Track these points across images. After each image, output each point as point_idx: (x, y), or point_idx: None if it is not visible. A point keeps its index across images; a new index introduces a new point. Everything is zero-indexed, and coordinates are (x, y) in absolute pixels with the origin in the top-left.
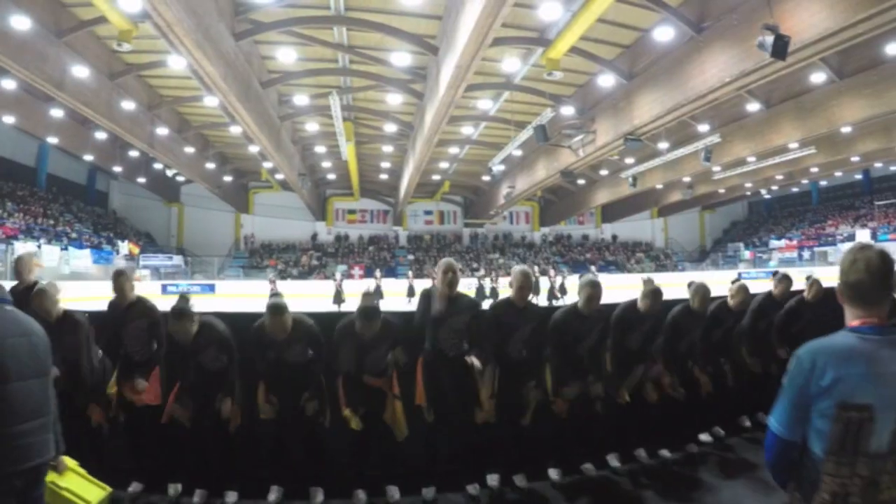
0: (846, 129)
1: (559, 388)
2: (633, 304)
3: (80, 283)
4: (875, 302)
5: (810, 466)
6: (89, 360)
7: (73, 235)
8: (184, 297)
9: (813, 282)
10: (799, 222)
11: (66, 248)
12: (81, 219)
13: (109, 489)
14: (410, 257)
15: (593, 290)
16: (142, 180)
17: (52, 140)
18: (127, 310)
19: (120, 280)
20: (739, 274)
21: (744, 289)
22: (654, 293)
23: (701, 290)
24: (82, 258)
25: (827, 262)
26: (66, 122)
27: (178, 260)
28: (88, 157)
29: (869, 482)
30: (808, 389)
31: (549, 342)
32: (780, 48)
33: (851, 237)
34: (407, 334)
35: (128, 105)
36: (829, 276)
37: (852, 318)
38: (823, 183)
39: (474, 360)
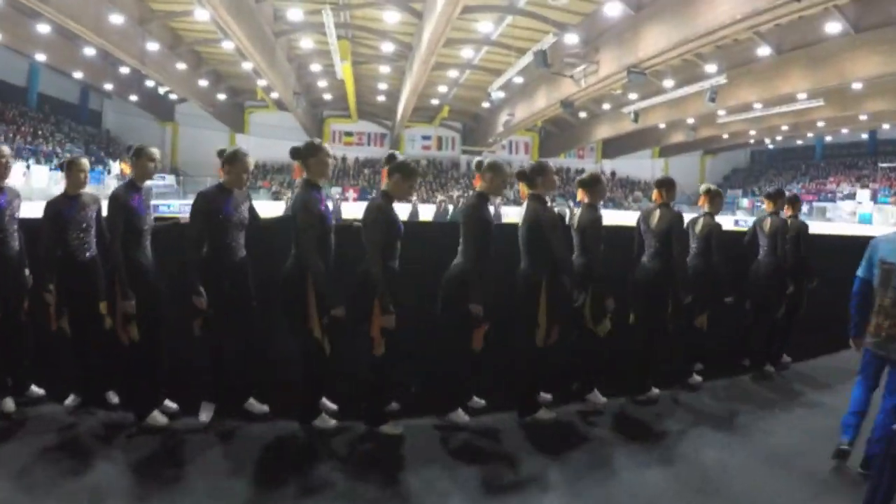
0: (857, 86)
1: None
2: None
3: None
4: None
5: (871, 294)
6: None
7: (67, 156)
8: None
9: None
10: (801, 175)
11: (55, 169)
12: (73, 139)
13: None
14: None
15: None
16: (134, 98)
17: (41, 57)
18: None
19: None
20: (736, 221)
21: None
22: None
23: None
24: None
25: (825, 217)
26: (54, 38)
27: (170, 180)
28: (78, 75)
29: (893, 303)
30: (872, 255)
31: None
32: None
33: (852, 196)
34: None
35: (117, 19)
36: (827, 232)
37: None
38: (828, 139)
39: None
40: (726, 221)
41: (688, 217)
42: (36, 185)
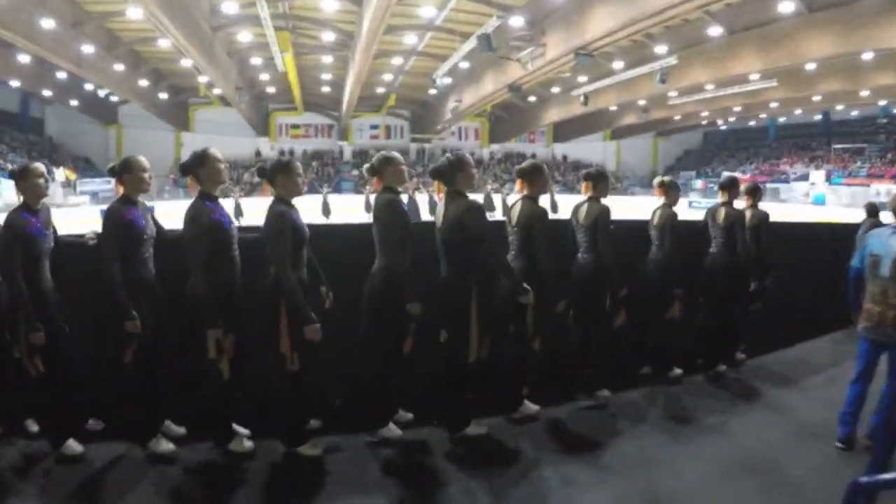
0: (810, 66)
1: None
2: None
3: None
4: None
5: (865, 281)
6: None
7: (9, 167)
8: None
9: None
10: (754, 156)
11: None
12: (15, 148)
13: None
14: (355, 172)
15: None
16: (74, 103)
17: None
18: None
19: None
20: (690, 203)
21: None
22: None
23: None
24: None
25: (778, 198)
26: None
27: (112, 182)
28: (15, 83)
29: (881, 290)
30: (864, 248)
31: None
32: None
33: (805, 177)
34: None
35: (50, 24)
36: (780, 213)
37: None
38: (782, 120)
39: None
40: (679, 204)
41: (641, 201)
42: None
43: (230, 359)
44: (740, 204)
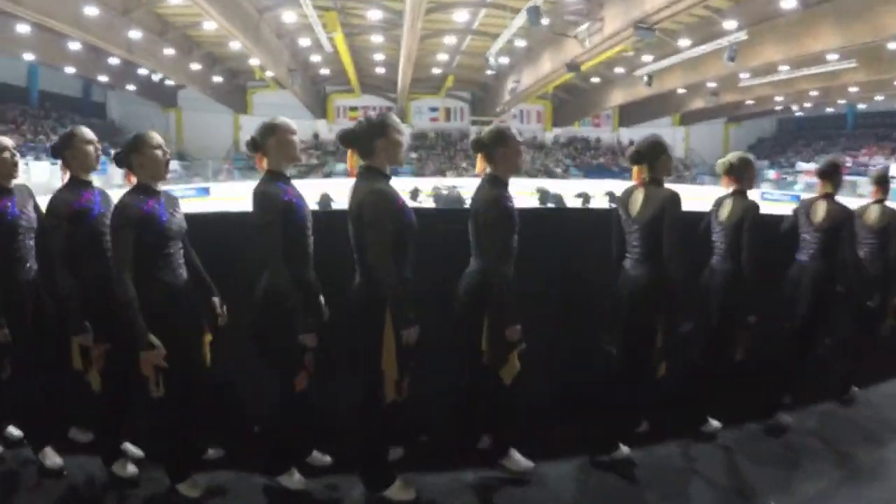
0: (894, 46)
1: None
2: None
3: None
4: None
5: None
6: None
7: None
8: None
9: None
10: (831, 146)
11: (56, 163)
12: None
13: None
14: (413, 155)
15: None
16: (131, 87)
17: (28, 56)
18: None
19: None
20: (762, 194)
21: None
22: None
23: None
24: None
25: (855, 193)
26: (39, 36)
27: (174, 164)
28: (70, 70)
29: None
30: None
31: None
32: None
33: (885, 170)
34: None
35: (97, 11)
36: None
37: None
38: (862, 107)
39: None
40: (751, 196)
41: (712, 191)
42: (36, 180)
43: (104, 370)
44: (850, 201)
